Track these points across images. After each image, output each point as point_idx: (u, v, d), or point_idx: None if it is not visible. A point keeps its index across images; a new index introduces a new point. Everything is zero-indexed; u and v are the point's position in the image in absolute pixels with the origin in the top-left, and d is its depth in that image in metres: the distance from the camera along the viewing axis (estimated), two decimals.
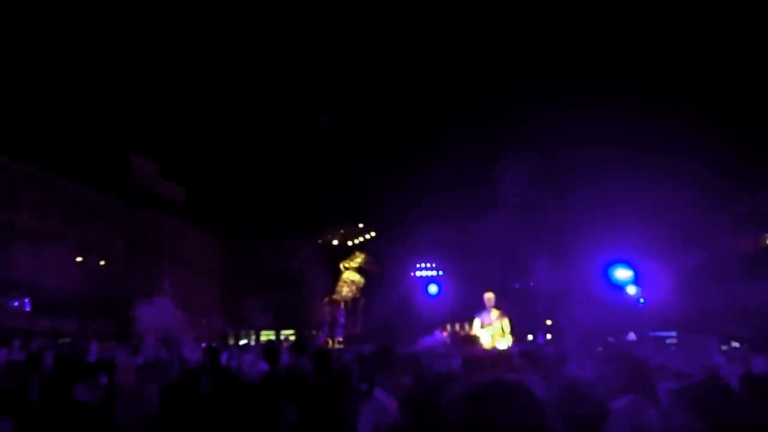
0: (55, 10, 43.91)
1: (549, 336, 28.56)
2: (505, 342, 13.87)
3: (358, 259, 20.68)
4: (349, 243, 22.31)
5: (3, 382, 5.48)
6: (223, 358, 9.91)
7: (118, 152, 37.60)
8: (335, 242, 22.81)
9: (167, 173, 42.20)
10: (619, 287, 24.63)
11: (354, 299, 20.46)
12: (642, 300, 25.95)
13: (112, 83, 50.43)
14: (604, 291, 26.27)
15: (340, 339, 18.45)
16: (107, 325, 29.94)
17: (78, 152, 33.43)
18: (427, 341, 16.21)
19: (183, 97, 62.28)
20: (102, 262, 33.89)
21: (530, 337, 24.17)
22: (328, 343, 17.72)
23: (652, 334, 25.78)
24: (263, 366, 7.21)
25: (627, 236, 28.30)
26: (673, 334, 30.59)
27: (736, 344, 21.13)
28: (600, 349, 15.24)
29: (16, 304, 28.40)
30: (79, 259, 32.11)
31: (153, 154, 40.45)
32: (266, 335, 43.13)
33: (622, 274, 23.84)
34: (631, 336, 22.86)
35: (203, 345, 18.87)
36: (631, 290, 24.94)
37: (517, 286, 35.23)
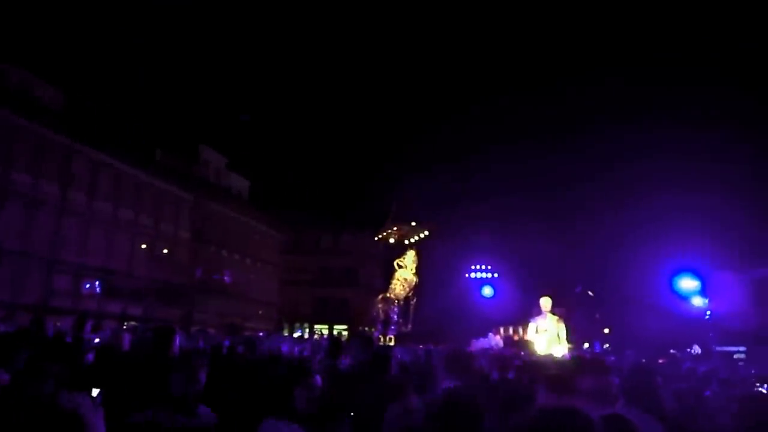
0: (139, 6, 45.99)
1: (606, 345, 27.71)
2: (560, 349, 13.60)
3: (411, 258, 20.69)
4: (405, 242, 22.35)
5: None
6: (283, 348, 10.22)
7: (188, 144, 38.87)
8: (392, 240, 22.91)
9: (234, 166, 43.36)
10: (684, 298, 23.62)
11: (407, 298, 20.52)
12: (709, 312, 24.79)
13: (182, 77, 52.43)
14: (668, 301, 25.27)
15: (392, 337, 18.54)
16: (172, 312, 31.22)
17: (151, 143, 34.84)
18: (480, 343, 16.10)
19: (252, 93, 64.05)
20: (167, 251, 35.24)
21: (586, 345, 23.53)
22: (380, 340, 17.85)
23: (718, 348, 24.62)
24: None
25: (694, 244, 27.12)
26: (742, 348, 29.09)
27: None
28: (660, 361, 14.72)
29: (87, 286, 29.87)
30: (144, 246, 33.51)
31: (222, 147, 41.70)
32: (320, 329, 43.83)
33: (688, 284, 22.85)
34: (696, 349, 21.91)
35: (261, 334, 19.42)
36: (697, 301, 23.86)
37: (578, 289, 34.36)
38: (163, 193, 34.95)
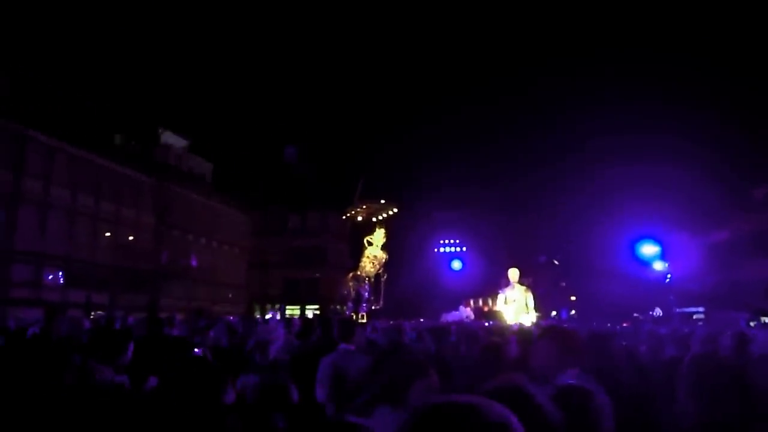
0: None
1: (573, 312, 28.47)
2: (528, 318, 13.88)
3: (380, 235, 20.73)
4: (374, 219, 22.34)
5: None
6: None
7: (148, 127, 37.94)
8: (360, 218, 22.84)
9: (196, 149, 42.53)
10: (646, 263, 24.36)
11: (377, 275, 20.60)
12: (669, 276, 25.63)
13: (144, 59, 50.80)
14: (630, 266, 26.00)
15: (364, 314, 18.63)
16: (138, 299, 30.70)
17: (109, 127, 33.88)
18: (451, 316, 16.32)
19: (212, 74, 62.62)
20: (131, 237, 34.53)
21: (554, 313, 24.10)
22: (352, 318, 17.93)
23: (678, 310, 25.51)
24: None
25: (654, 212, 27.89)
26: (701, 309, 30.23)
27: (766, 319, 20.84)
28: (625, 324, 15.14)
29: (50, 276, 29.17)
30: (108, 234, 32.77)
31: (182, 130, 40.78)
32: (291, 310, 43.76)
33: (649, 249, 23.57)
34: (657, 312, 22.70)
35: (231, 318, 19.26)
36: (658, 266, 24.65)
37: (543, 259, 35.02)
38: (124, 178, 34.09)
